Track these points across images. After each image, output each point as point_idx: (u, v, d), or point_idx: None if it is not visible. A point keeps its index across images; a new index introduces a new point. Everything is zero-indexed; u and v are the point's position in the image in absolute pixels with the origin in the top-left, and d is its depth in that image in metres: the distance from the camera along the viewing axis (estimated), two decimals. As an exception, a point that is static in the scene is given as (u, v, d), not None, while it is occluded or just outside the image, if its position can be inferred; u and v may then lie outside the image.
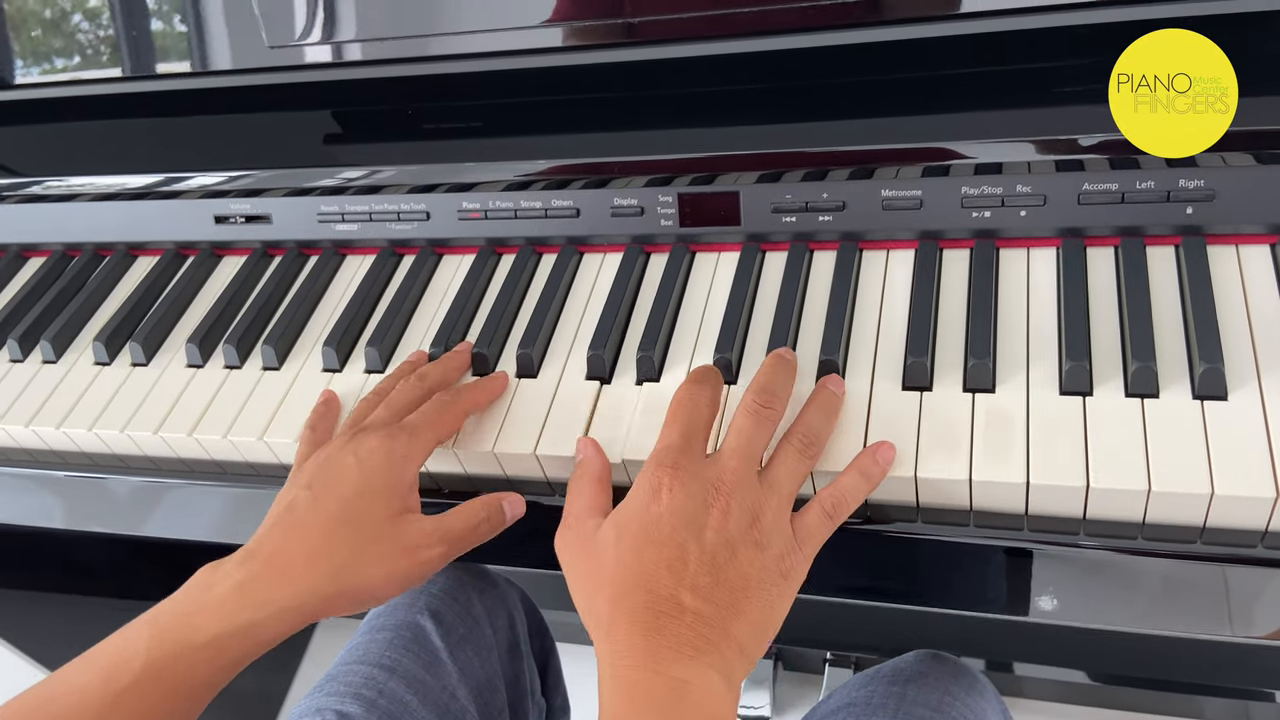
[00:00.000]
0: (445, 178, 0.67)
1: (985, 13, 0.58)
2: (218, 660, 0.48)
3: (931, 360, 0.53)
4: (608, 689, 0.44)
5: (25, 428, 0.66)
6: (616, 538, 0.47)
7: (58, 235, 0.79)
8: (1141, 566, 0.49)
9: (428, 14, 0.66)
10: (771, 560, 0.46)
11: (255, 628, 0.48)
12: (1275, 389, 0.48)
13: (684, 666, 0.43)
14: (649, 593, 0.44)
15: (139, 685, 0.47)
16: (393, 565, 0.51)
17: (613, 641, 0.44)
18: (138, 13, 0.73)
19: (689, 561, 0.45)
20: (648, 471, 0.48)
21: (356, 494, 0.51)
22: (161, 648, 0.47)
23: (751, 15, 0.60)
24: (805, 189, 0.60)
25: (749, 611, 0.45)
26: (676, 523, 0.46)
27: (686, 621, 0.44)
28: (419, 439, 0.53)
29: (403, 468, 0.52)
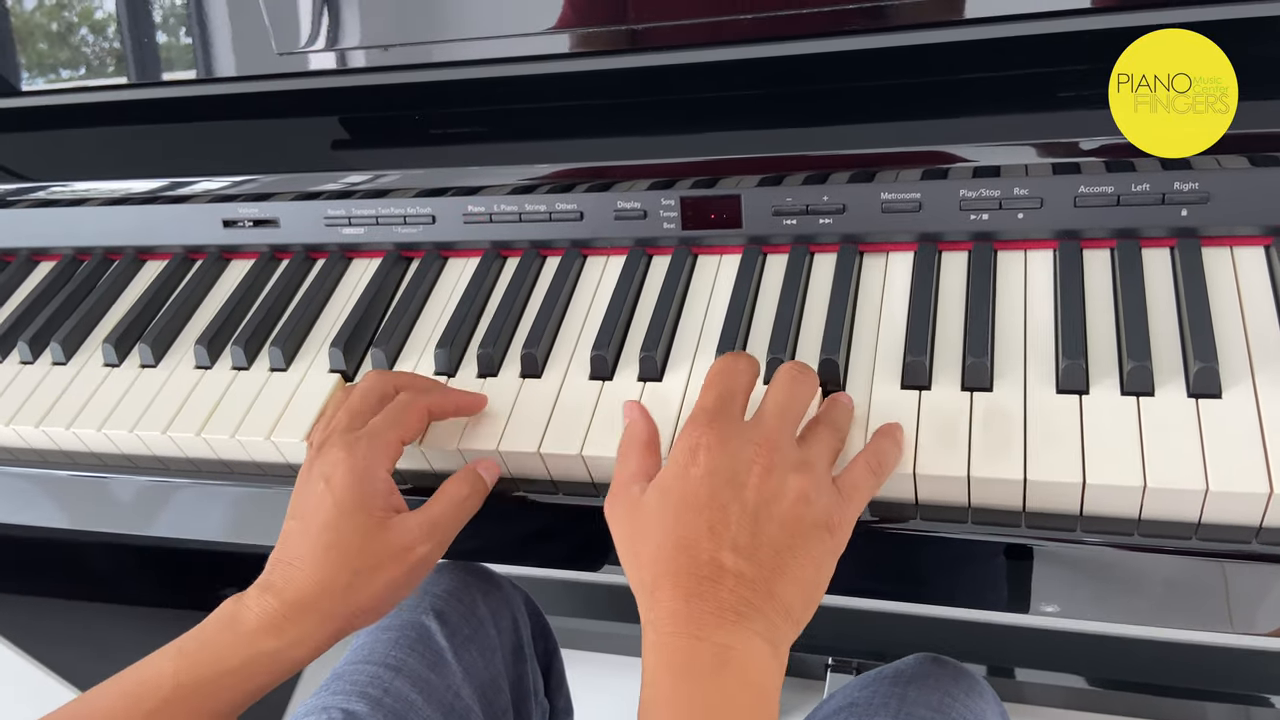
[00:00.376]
0: (451, 181, 0.68)
1: (984, 19, 0.58)
2: (245, 685, 0.50)
3: (930, 359, 0.54)
4: (650, 657, 0.43)
5: (35, 428, 0.67)
6: (659, 503, 0.46)
7: (68, 239, 0.80)
8: (1138, 563, 0.49)
9: (434, 21, 0.67)
10: (818, 516, 0.45)
11: (283, 653, 0.50)
12: (1269, 387, 0.48)
13: (726, 632, 0.42)
14: (690, 557, 0.44)
15: (167, 708, 0.48)
16: (390, 574, 0.52)
17: (656, 608, 0.44)
18: (148, 21, 0.74)
19: (730, 522, 0.44)
20: (684, 433, 0.47)
21: (336, 517, 0.51)
22: (191, 672, 0.49)
23: (752, 22, 0.61)
24: (806, 192, 0.61)
25: (794, 570, 0.44)
26: (716, 483, 0.45)
27: (728, 585, 0.43)
28: (379, 442, 0.53)
29: (370, 476, 0.52)
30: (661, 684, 0.42)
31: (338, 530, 0.51)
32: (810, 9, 0.60)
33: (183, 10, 0.73)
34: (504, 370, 0.62)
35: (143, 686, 0.48)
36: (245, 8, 0.70)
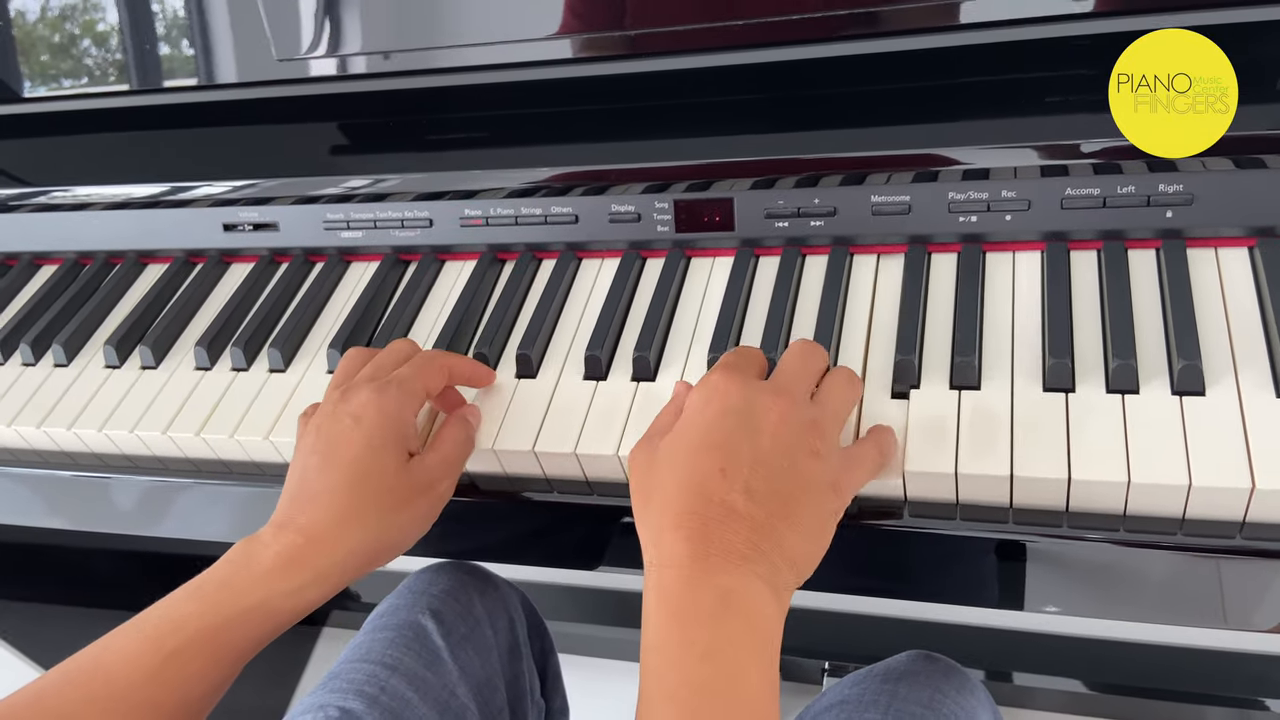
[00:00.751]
0: (448, 185, 0.69)
1: (973, 25, 0.59)
2: (266, 624, 0.50)
3: (919, 359, 0.54)
4: (652, 598, 0.43)
5: (37, 429, 0.68)
6: (673, 445, 0.46)
7: (70, 244, 0.81)
8: (1125, 558, 0.50)
9: (432, 27, 0.68)
10: (828, 471, 0.45)
11: (301, 591, 0.50)
12: (1252, 384, 0.49)
13: (730, 574, 0.42)
14: (700, 497, 0.43)
15: (190, 648, 0.48)
16: (414, 509, 0.53)
17: (659, 549, 0.44)
18: (149, 28, 0.75)
19: (743, 465, 0.44)
20: (703, 381, 0.48)
21: (363, 452, 0.52)
22: (212, 613, 0.49)
23: (744, 28, 0.62)
24: (797, 195, 0.62)
25: (802, 519, 0.44)
26: (732, 424, 0.45)
27: (735, 527, 0.43)
28: (407, 388, 0.54)
29: (399, 417, 0.53)
30: (663, 625, 0.42)
31: (368, 465, 0.51)
32: (801, 15, 0.61)
33: (184, 17, 0.74)
34: (499, 371, 0.62)
35: (162, 627, 0.49)
36: (246, 15, 0.71)
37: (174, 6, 0.74)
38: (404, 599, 0.73)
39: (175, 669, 0.48)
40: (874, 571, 0.57)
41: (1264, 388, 0.49)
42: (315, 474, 0.52)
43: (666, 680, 0.41)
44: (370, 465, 0.52)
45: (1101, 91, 0.59)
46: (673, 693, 0.41)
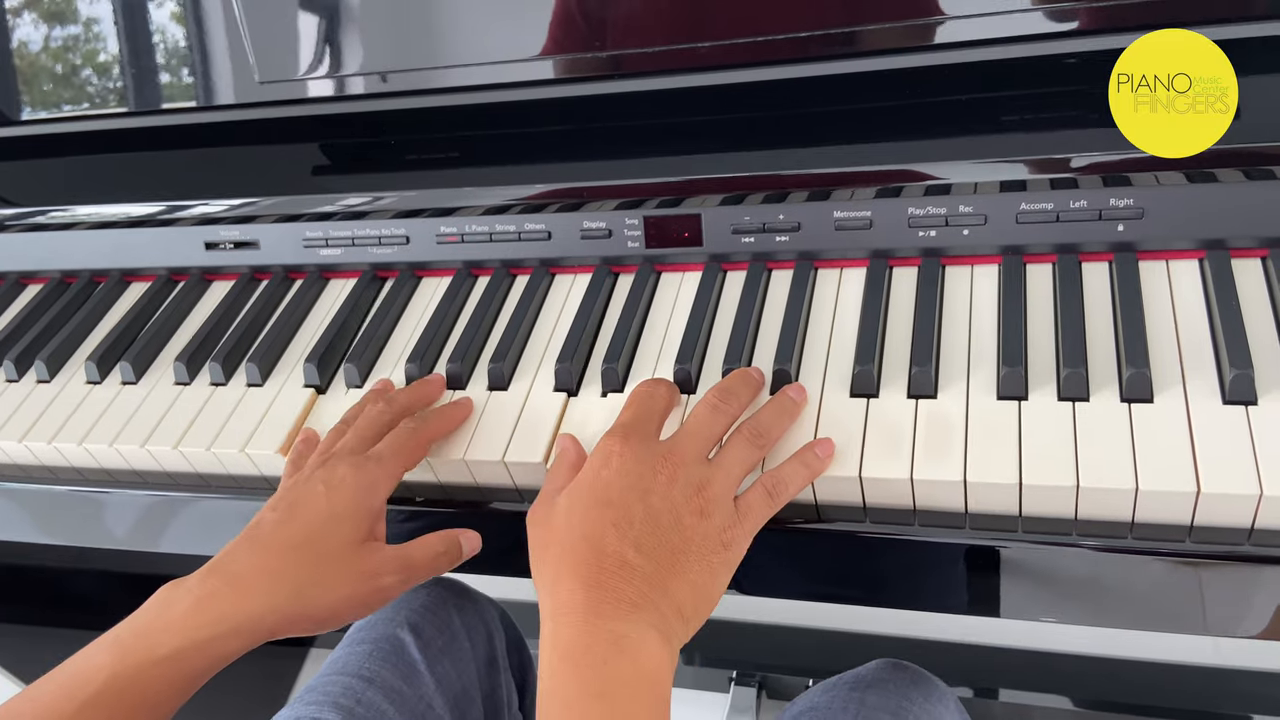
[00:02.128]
0: (425, 204, 0.70)
1: (933, 47, 0.61)
2: (177, 675, 0.49)
3: (878, 369, 0.56)
4: (547, 645, 0.45)
5: (19, 443, 0.69)
6: (569, 502, 0.49)
7: (56, 263, 0.83)
8: (1078, 561, 0.51)
9: (410, 50, 0.70)
10: (714, 529, 0.48)
11: (214, 643, 0.50)
12: (1199, 391, 0.50)
13: (622, 621, 0.44)
14: (594, 549, 0.46)
15: (102, 698, 0.48)
16: (352, 589, 0.52)
17: (555, 597, 0.46)
18: (135, 51, 0.77)
19: (634, 521, 0.47)
20: (601, 443, 0.51)
21: (323, 520, 0.53)
22: (124, 662, 0.48)
23: (714, 50, 0.64)
24: (763, 211, 0.63)
25: (689, 573, 0.47)
26: (624, 485, 0.48)
27: (626, 577, 0.45)
28: (385, 468, 0.55)
29: (370, 496, 0.54)
30: (558, 671, 0.44)
31: (320, 531, 0.52)
32: (768, 37, 0.63)
33: (169, 42, 0.76)
34: (472, 384, 0.64)
35: (77, 679, 0.48)
36: (230, 40, 0.73)
37: (159, 31, 0.76)
38: (383, 613, 0.73)
39: None
40: (837, 577, 0.58)
41: (1211, 395, 0.50)
42: (268, 527, 0.53)
43: None
44: (323, 532, 0.52)
45: (1059, 109, 0.61)
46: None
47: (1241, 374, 0.49)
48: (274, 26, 0.71)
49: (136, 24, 0.76)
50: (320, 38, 0.71)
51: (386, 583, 0.54)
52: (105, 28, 0.77)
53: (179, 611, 0.50)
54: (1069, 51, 0.60)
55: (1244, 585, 0.49)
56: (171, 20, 0.75)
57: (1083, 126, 0.58)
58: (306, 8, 0.71)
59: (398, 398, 0.61)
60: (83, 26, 0.78)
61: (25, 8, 0.79)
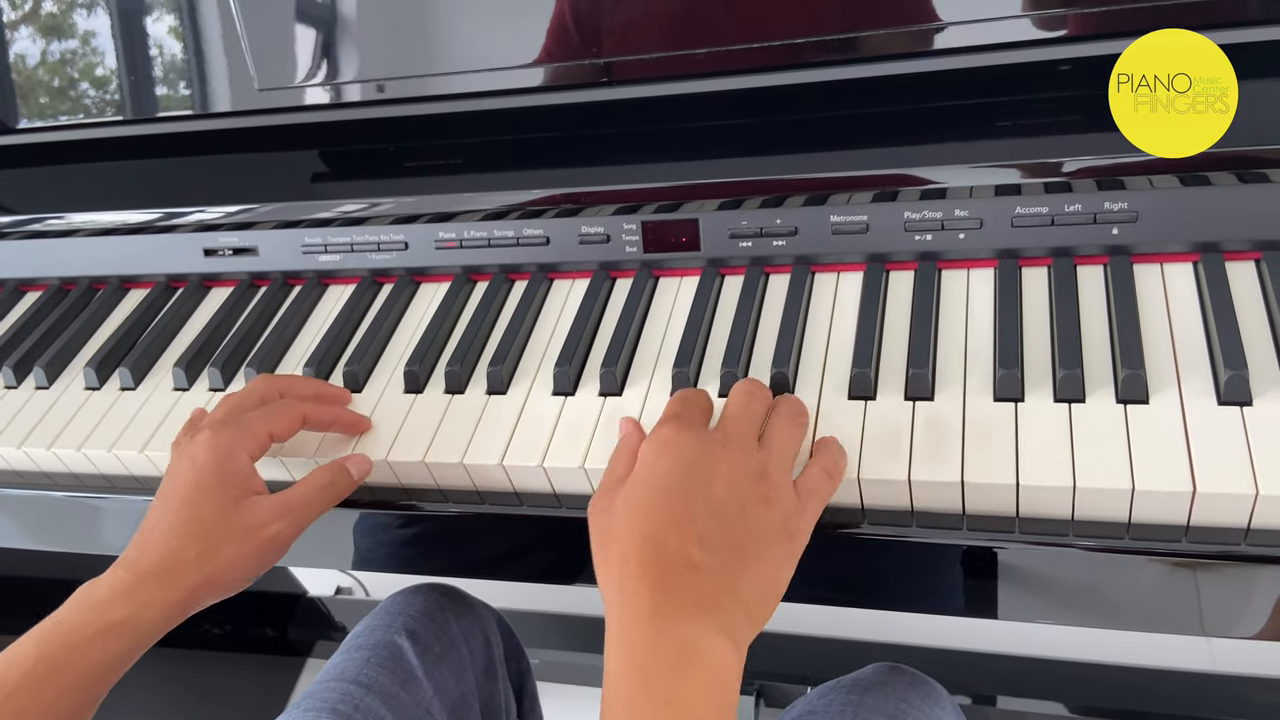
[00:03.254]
0: (424, 209, 0.71)
1: (930, 53, 0.62)
2: (104, 652, 0.52)
3: (875, 372, 0.56)
4: (613, 649, 0.44)
5: (17, 449, 0.69)
6: (626, 499, 0.48)
7: (55, 270, 0.83)
8: (1076, 562, 0.51)
9: (407, 58, 0.70)
10: (779, 519, 0.46)
11: (135, 621, 0.53)
12: (1194, 392, 0.51)
13: (690, 625, 0.43)
14: (656, 549, 0.45)
15: (32, 680, 0.50)
16: (240, 547, 0.55)
17: (621, 599, 0.45)
18: (134, 59, 0.77)
19: (697, 516, 0.45)
20: (652, 434, 0.50)
21: (194, 492, 0.55)
22: (49, 645, 0.51)
23: (710, 56, 0.64)
24: (760, 215, 0.63)
25: (755, 568, 0.45)
26: (684, 478, 0.47)
27: (693, 577, 0.44)
28: (246, 429, 0.57)
29: (231, 457, 0.56)
30: (623, 677, 0.43)
31: (193, 504, 0.55)
32: (766, 44, 0.63)
33: (169, 50, 0.76)
34: (471, 387, 0.64)
35: (4, 668, 0.50)
36: (230, 48, 0.73)
37: (158, 40, 0.76)
38: (380, 620, 0.73)
39: (14, 706, 0.50)
40: (837, 580, 0.58)
41: (1206, 396, 0.51)
42: (155, 515, 0.56)
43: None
44: (195, 504, 0.55)
45: (1053, 114, 0.61)
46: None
47: (1236, 375, 0.49)
48: (273, 35, 0.72)
49: (136, 34, 0.76)
50: (319, 46, 0.71)
51: (272, 532, 0.55)
52: (105, 38, 0.77)
53: (97, 599, 0.53)
54: (1063, 57, 0.60)
55: (1240, 585, 0.50)
56: (171, 30, 0.75)
57: (1077, 131, 0.59)
58: (305, 17, 0.71)
59: (288, 378, 0.63)
60: (83, 37, 0.78)
61: (27, 19, 0.80)
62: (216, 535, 0.54)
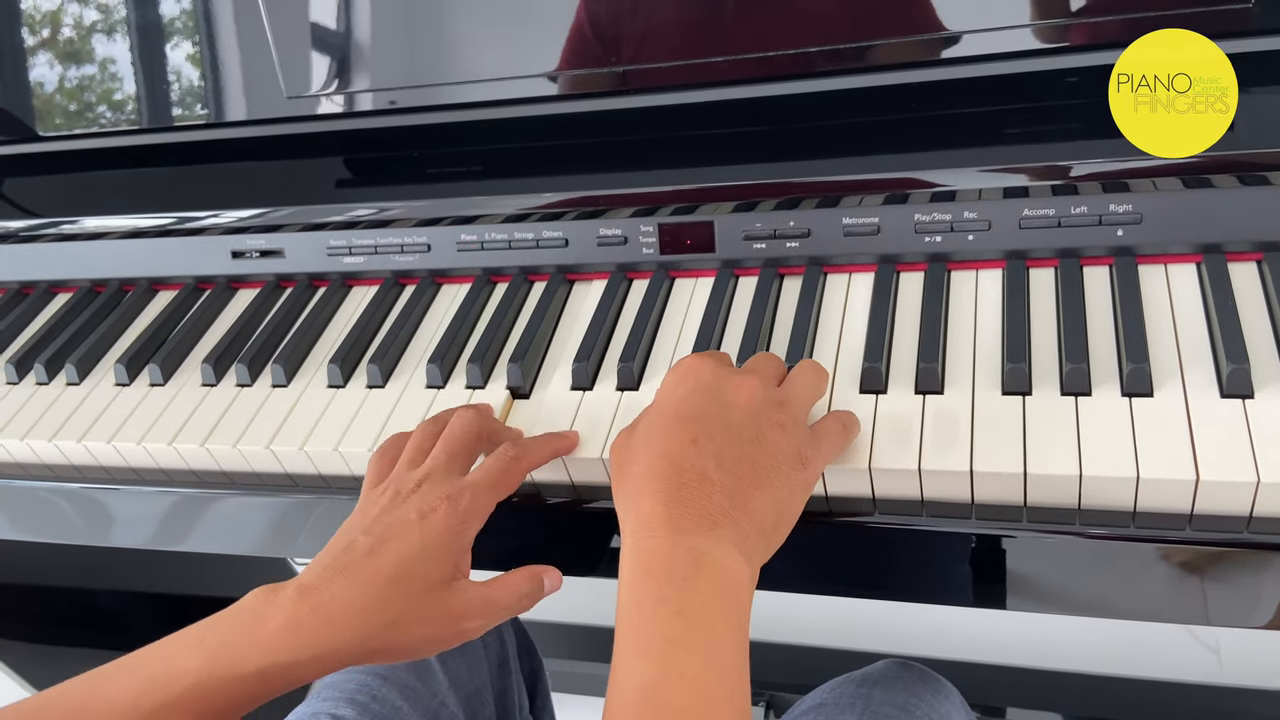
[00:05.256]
0: (446, 212, 0.73)
1: (940, 62, 0.64)
2: (255, 690, 0.48)
3: (886, 366, 0.58)
4: (628, 560, 0.45)
5: (49, 442, 0.71)
6: (649, 421, 0.50)
7: (85, 272, 0.85)
8: (1084, 550, 0.52)
9: (431, 67, 0.73)
10: (794, 445, 0.48)
11: (298, 667, 0.48)
12: (1197, 385, 0.52)
13: (702, 536, 0.44)
14: (674, 464, 0.46)
15: (182, 702, 0.46)
16: (436, 630, 0.50)
17: (636, 513, 0.46)
18: (164, 68, 0.80)
19: (715, 435, 0.47)
20: (679, 362, 0.52)
21: (414, 554, 0.50)
22: (210, 672, 0.47)
23: (729, 65, 0.67)
24: (774, 218, 0.65)
25: (770, 489, 0.46)
26: (704, 399, 0.48)
27: (708, 491, 0.45)
28: (480, 501, 0.52)
29: (462, 532, 0.51)
30: (637, 586, 0.44)
31: (412, 569, 0.49)
32: (781, 52, 0.65)
33: (200, 59, 0.79)
34: (490, 385, 0.65)
35: (158, 680, 0.47)
36: (259, 58, 0.76)
37: (192, 51, 0.78)
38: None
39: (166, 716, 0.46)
40: (846, 569, 0.59)
41: (1209, 388, 0.52)
42: (360, 554, 0.50)
43: (641, 634, 0.43)
44: (413, 570, 0.49)
45: (1060, 120, 0.63)
46: (647, 646, 0.42)
47: (1238, 368, 0.51)
48: (300, 46, 0.74)
49: (170, 46, 0.79)
50: (344, 57, 0.74)
51: (470, 626, 0.51)
52: (136, 45, 0.80)
53: (269, 630, 0.47)
54: (1068, 67, 0.62)
55: (1244, 574, 0.51)
56: (204, 41, 0.78)
57: (1083, 136, 0.61)
58: (331, 29, 0.73)
59: (485, 408, 0.59)
60: (114, 52, 0.81)
61: (63, 29, 0.82)
62: (420, 609, 0.49)
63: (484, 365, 0.66)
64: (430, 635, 0.50)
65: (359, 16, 0.73)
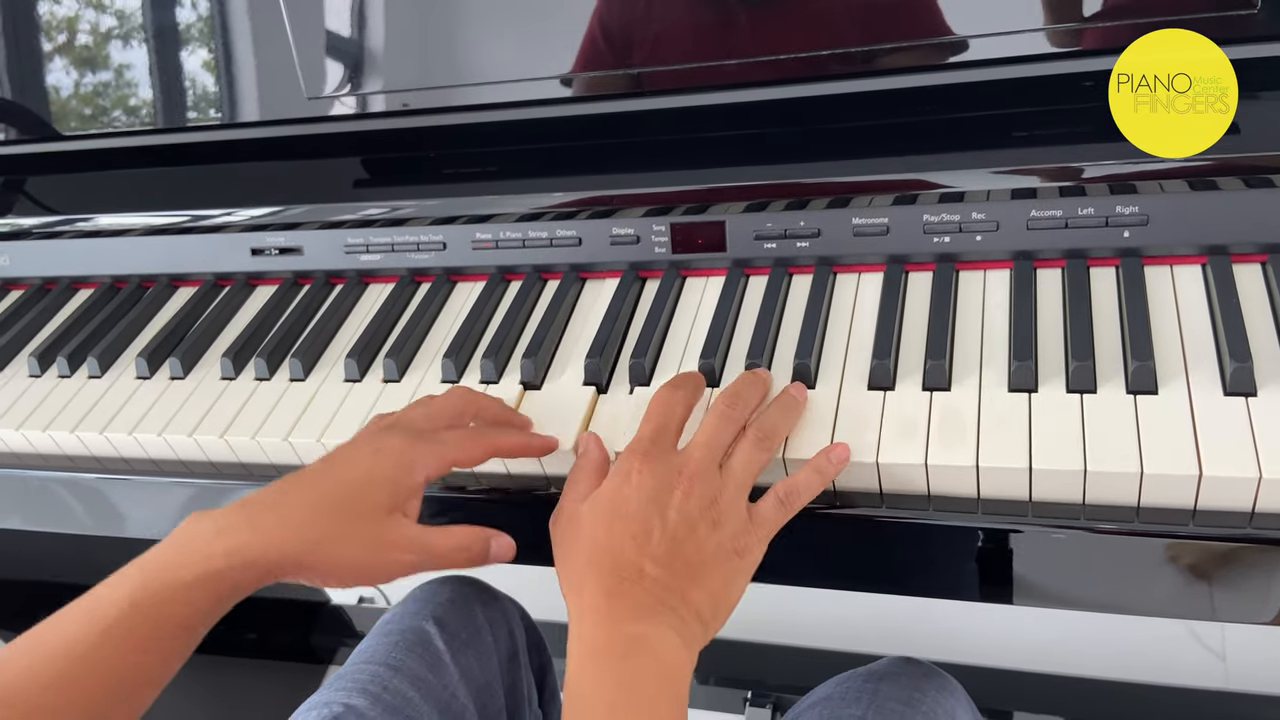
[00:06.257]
0: (462, 211, 0.74)
1: (947, 66, 0.65)
2: (195, 602, 0.50)
3: (894, 364, 0.59)
4: (574, 640, 0.49)
5: (70, 433, 0.72)
6: (591, 514, 0.53)
7: (107, 268, 0.86)
8: (1087, 545, 0.53)
9: (449, 69, 0.74)
10: (727, 538, 0.51)
11: (229, 573, 0.50)
12: (1201, 383, 0.53)
13: (641, 624, 0.48)
14: (614, 560, 0.50)
15: (122, 624, 0.48)
16: (364, 555, 0.52)
17: (579, 600, 0.50)
18: (189, 71, 0.81)
19: (652, 535, 0.51)
20: (622, 459, 0.54)
21: (358, 481, 0.53)
22: (145, 590, 0.49)
23: (740, 68, 0.68)
24: (784, 218, 0.66)
25: (706, 582, 0.50)
26: (642, 500, 0.51)
27: (645, 586, 0.49)
28: (436, 450, 0.55)
29: (410, 473, 0.54)
30: (582, 667, 0.48)
31: (351, 493, 0.53)
32: (792, 56, 0.66)
33: (222, 61, 0.80)
34: (504, 380, 0.67)
35: (98, 607, 0.49)
36: (280, 60, 0.77)
37: (214, 53, 0.80)
38: (409, 607, 0.76)
39: (113, 644, 0.49)
40: (853, 563, 0.60)
41: (1213, 386, 0.53)
42: (309, 477, 0.54)
43: (587, 703, 0.47)
44: (356, 494, 0.53)
45: (1067, 122, 0.64)
46: (592, 714, 0.47)
47: (1242, 366, 0.52)
48: (321, 48, 0.76)
49: (196, 47, 0.80)
50: (362, 59, 0.75)
51: (400, 559, 0.53)
52: (159, 45, 0.82)
53: (200, 541, 0.50)
54: (1077, 71, 0.63)
55: (1248, 569, 0.51)
56: (226, 44, 0.80)
57: (1090, 139, 0.61)
58: (352, 31, 0.75)
59: (481, 398, 0.61)
60: (147, 51, 0.82)
61: (87, 32, 0.84)
62: (350, 531, 0.52)
63: (498, 360, 0.67)
64: (358, 560, 0.52)
65: (377, 20, 0.75)
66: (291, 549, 0.51)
